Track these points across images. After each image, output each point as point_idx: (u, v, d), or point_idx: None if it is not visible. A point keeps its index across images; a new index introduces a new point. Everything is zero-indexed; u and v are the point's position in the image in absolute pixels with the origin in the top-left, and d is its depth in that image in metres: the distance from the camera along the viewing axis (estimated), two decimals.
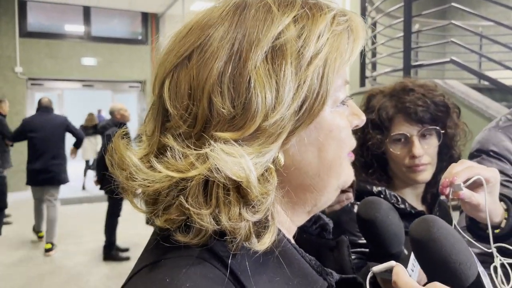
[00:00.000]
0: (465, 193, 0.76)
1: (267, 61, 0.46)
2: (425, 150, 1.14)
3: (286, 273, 0.49)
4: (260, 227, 0.47)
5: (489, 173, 0.78)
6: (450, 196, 0.76)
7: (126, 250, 5.15)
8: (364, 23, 0.54)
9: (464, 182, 0.76)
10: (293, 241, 0.53)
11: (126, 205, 5.11)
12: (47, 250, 5.10)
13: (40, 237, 5.53)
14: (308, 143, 0.50)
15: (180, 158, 0.45)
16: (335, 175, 0.54)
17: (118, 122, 4.99)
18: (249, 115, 0.45)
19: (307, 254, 0.53)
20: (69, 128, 5.34)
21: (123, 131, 0.53)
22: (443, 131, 1.15)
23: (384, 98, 1.19)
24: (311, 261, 0.53)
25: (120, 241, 5.14)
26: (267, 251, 0.47)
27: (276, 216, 0.49)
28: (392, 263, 0.53)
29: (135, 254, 5.05)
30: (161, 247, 0.48)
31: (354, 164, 0.68)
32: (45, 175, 5.07)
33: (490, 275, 0.70)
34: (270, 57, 0.46)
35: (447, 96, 1.20)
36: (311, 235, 0.66)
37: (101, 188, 4.92)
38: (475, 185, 0.78)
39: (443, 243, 0.53)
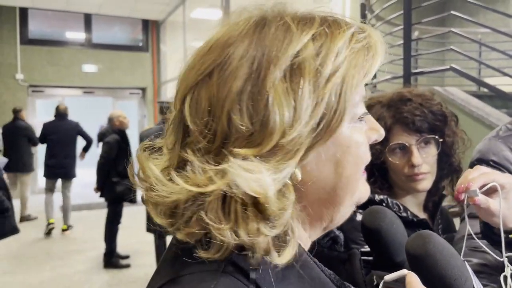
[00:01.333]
0: (481, 199, 0.76)
1: (285, 79, 0.47)
2: (424, 159, 1.15)
3: (308, 287, 0.50)
4: (281, 242, 0.47)
5: (505, 179, 0.79)
6: (465, 202, 0.77)
7: (127, 257, 5.14)
8: (383, 39, 0.55)
9: (480, 188, 0.77)
10: (312, 256, 0.54)
11: (126, 213, 5.11)
12: (64, 230, 6.35)
13: (50, 223, 6.27)
14: (325, 159, 0.51)
15: (199, 172, 0.46)
16: (351, 191, 0.54)
17: (117, 129, 4.99)
18: (267, 132, 0.46)
19: (326, 268, 0.54)
20: (80, 132, 6.43)
21: (145, 144, 0.54)
22: (441, 140, 1.17)
23: (382, 108, 1.20)
24: (331, 276, 0.54)
25: (121, 249, 5.12)
26: (289, 265, 0.48)
27: (296, 231, 0.49)
28: (404, 271, 0.53)
29: (135, 261, 5.04)
30: (181, 261, 0.48)
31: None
32: (59, 170, 6.23)
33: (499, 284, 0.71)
34: (288, 76, 0.47)
35: (445, 105, 1.22)
36: (323, 248, 0.66)
37: (101, 196, 4.92)
38: (490, 191, 0.78)
39: (438, 259, 0.54)
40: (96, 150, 5.91)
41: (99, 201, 7.83)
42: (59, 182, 6.43)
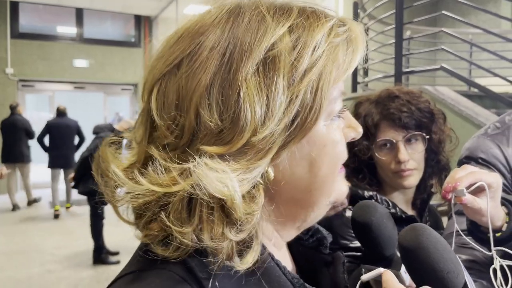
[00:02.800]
0: (468, 198, 0.77)
1: (258, 74, 0.44)
2: (411, 155, 1.16)
3: None
4: (243, 246, 0.45)
5: (492, 178, 0.79)
6: (453, 201, 0.77)
7: (116, 253, 5.11)
8: (364, 33, 0.51)
9: (467, 187, 0.77)
10: (276, 257, 0.51)
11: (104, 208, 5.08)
12: (68, 208, 7.43)
13: (56, 210, 7.14)
14: (299, 158, 0.48)
15: (161, 172, 0.44)
16: (327, 192, 0.52)
17: (114, 128, 5.01)
18: (237, 130, 0.43)
19: (290, 271, 0.51)
20: (78, 130, 7.32)
21: (111, 139, 0.51)
22: (428, 137, 1.18)
23: (371, 105, 1.22)
24: (293, 279, 0.51)
25: (110, 245, 5.10)
26: (248, 271, 0.46)
27: (261, 235, 0.47)
28: (380, 270, 0.53)
29: (125, 258, 5.01)
30: (141, 259, 0.46)
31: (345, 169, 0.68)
32: (61, 160, 7.18)
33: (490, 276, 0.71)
34: (261, 69, 0.44)
35: (433, 103, 1.23)
36: (307, 248, 0.63)
37: (74, 187, 4.88)
38: (478, 190, 0.78)
39: (431, 252, 0.54)
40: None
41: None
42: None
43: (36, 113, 12.22)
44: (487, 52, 4.01)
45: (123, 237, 5.60)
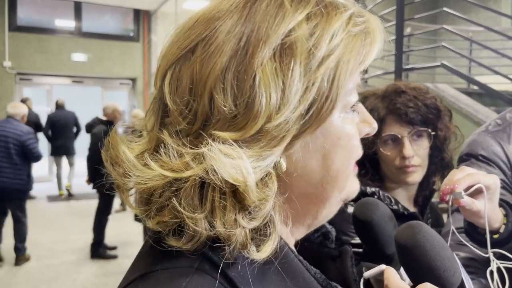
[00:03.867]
0: (466, 201, 0.76)
1: (274, 59, 0.43)
2: (415, 151, 1.16)
3: (290, 286, 0.47)
4: (260, 235, 0.44)
5: (490, 180, 0.78)
6: (451, 203, 0.77)
7: (114, 248, 5.11)
8: (383, 26, 0.50)
9: (465, 189, 0.77)
10: (296, 253, 0.51)
11: (114, 203, 5.08)
12: (68, 187, 8.41)
13: (61, 194, 8.33)
14: (313, 150, 0.47)
15: (174, 156, 0.43)
16: (339, 186, 0.51)
17: (105, 120, 4.98)
18: (251, 115, 0.42)
19: (312, 267, 0.51)
20: (76, 120, 8.20)
21: (119, 126, 0.51)
22: (433, 133, 1.17)
23: (377, 99, 1.21)
24: (316, 274, 0.51)
25: (108, 239, 5.10)
26: (270, 263, 0.45)
27: (278, 225, 0.46)
28: (382, 266, 0.53)
29: (123, 252, 5.02)
30: (155, 253, 0.45)
31: None
32: (62, 149, 8.09)
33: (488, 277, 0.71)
34: (278, 55, 0.43)
35: (440, 99, 1.22)
36: (313, 244, 0.63)
37: (93, 187, 4.88)
38: (476, 192, 0.78)
39: (428, 250, 0.53)
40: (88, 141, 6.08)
41: (87, 192, 7.79)
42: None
43: (34, 107, 12.18)
44: (487, 49, 4.01)
45: (121, 232, 5.60)
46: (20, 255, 4.73)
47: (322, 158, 0.48)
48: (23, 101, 7.82)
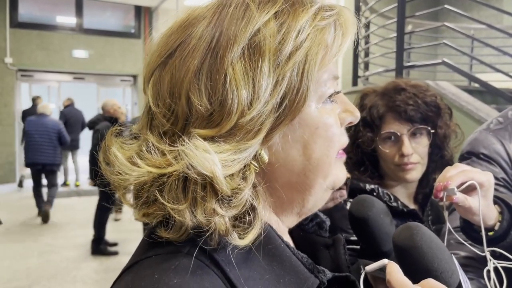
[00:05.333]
0: (459, 197, 0.77)
1: (244, 58, 0.46)
2: (415, 149, 1.16)
3: (277, 270, 0.49)
4: (242, 223, 0.47)
5: (484, 177, 0.79)
6: (444, 200, 0.77)
7: (115, 244, 5.13)
8: (355, 17, 0.53)
9: (458, 186, 0.77)
10: (285, 238, 0.53)
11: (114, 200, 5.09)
12: (77, 186, 8.74)
13: (67, 185, 8.79)
14: (292, 140, 0.50)
15: (155, 153, 0.47)
16: (322, 174, 0.53)
17: (109, 116, 4.96)
18: (225, 112, 0.45)
19: (299, 252, 0.53)
20: (83, 118, 8.50)
21: (115, 129, 0.53)
22: (433, 131, 1.17)
23: (376, 97, 1.21)
24: (303, 259, 0.53)
25: (109, 236, 5.11)
26: (257, 248, 0.48)
27: (262, 213, 0.49)
28: (384, 261, 0.53)
29: (123, 248, 5.03)
30: (147, 244, 0.49)
31: (346, 162, 0.68)
32: (72, 144, 7.77)
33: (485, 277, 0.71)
34: (247, 54, 0.46)
35: (440, 97, 1.22)
36: (307, 233, 0.65)
37: (94, 184, 4.89)
38: (470, 189, 0.78)
39: (425, 251, 0.54)
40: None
41: (88, 188, 7.80)
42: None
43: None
44: (489, 47, 4.00)
45: (122, 228, 5.62)
46: (48, 206, 6.31)
47: (303, 148, 0.51)
48: (34, 99, 8.51)
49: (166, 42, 0.50)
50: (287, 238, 0.59)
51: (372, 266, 0.54)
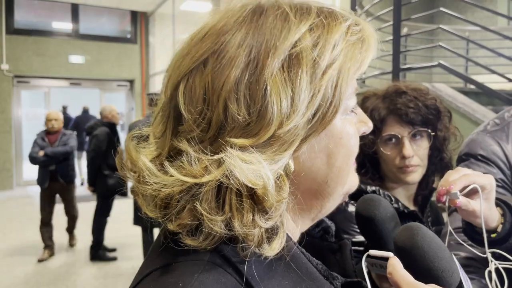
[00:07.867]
0: (462, 201, 0.77)
1: (283, 70, 0.46)
2: (415, 152, 1.17)
3: (294, 277, 0.50)
4: (272, 233, 0.47)
5: (485, 180, 0.79)
6: (447, 204, 0.78)
7: (114, 250, 5.11)
8: (376, 33, 0.54)
9: (461, 190, 0.78)
10: (299, 246, 0.54)
11: (114, 206, 5.07)
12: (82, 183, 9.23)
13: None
14: (318, 150, 0.51)
15: (195, 163, 0.46)
16: (342, 182, 0.54)
17: (107, 122, 4.94)
18: (264, 123, 0.45)
19: (314, 258, 0.54)
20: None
21: (133, 133, 0.53)
22: (433, 134, 1.18)
23: (377, 100, 1.22)
24: (318, 265, 0.53)
25: (108, 241, 5.09)
26: (277, 256, 0.48)
27: (285, 222, 0.49)
28: (390, 253, 0.54)
29: (122, 254, 5.01)
30: (170, 250, 0.48)
31: None
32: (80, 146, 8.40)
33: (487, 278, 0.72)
34: (286, 66, 0.46)
35: (439, 100, 1.23)
36: (314, 238, 0.66)
37: (93, 191, 4.86)
38: (472, 192, 0.79)
39: (426, 251, 0.54)
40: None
41: (86, 194, 7.76)
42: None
43: (32, 110, 12.15)
44: (484, 49, 4.03)
45: (120, 234, 5.60)
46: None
47: (327, 157, 0.52)
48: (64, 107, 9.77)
49: (198, 47, 0.49)
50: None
51: (377, 252, 0.56)
